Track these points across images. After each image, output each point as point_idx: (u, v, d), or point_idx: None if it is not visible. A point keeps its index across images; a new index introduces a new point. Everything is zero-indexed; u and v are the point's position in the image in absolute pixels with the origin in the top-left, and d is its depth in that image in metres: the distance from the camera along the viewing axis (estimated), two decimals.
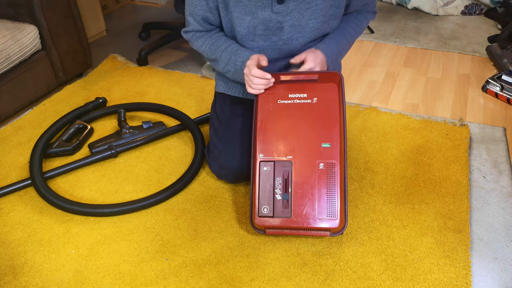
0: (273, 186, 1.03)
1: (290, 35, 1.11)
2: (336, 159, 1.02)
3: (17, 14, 1.69)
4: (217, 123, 1.30)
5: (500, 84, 1.72)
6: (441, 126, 1.56)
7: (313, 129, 1.05)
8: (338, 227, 1.02)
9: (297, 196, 1.02)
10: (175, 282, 1.04)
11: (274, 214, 1.02)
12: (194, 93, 1.81)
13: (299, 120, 1.06)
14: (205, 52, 1.20)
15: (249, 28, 1.10)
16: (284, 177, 1.03)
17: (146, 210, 1.24)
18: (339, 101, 1.07)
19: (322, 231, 1.04)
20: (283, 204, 1.02)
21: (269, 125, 1.09)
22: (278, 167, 1.04)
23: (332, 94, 1.06)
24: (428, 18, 2.53)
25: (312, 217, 1.01)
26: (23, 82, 1.66)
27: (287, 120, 1.07)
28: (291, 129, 1.06)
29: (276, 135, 1.07)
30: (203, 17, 1.15)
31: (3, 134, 1.58)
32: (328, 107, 1.05)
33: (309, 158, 1.03)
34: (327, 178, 1.01)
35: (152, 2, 2.89)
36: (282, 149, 1.05)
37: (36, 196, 1.30)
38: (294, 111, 1.07)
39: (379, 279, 1.04)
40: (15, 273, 1.08)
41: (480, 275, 1.05)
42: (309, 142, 1.04)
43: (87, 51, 1.94)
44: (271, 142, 1.07)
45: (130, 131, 1.52)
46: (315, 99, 1.06)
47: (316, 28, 1.12)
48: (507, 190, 1.29)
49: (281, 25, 1.09)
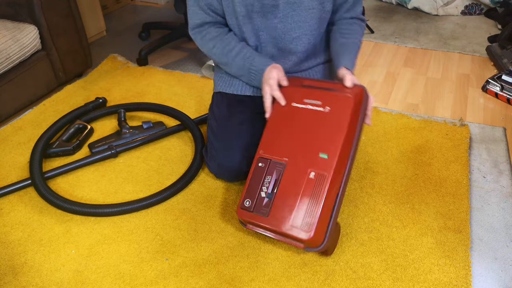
0: (262, 183, 1.03)
1: (285, 13, 1.13)
2: (328, 171, 0.97)
3: (17, 14, 1.69)
4: (214, 122, 1.30)
5: (500, 84, 1.72)
6: (441, 126, 1.56)
7: (315, 137, 1.02)
8: (312, 241, 0.95)
9: (279, 198, 1.00)
10: (175, 282, 1.04)
11: (253, 209, 1.02)
12: (194, 93, 1.81)
13: (305, 125, 1.04)
14: (216, 55, 1.22)
15: (247, 6, 1.12)
16: (275, 177, 1.02)
17: (146, 210, 1.24)
18: (352, 114, 1.01)
19: (295, 241, 0.98)
20: (265, 202, 1.01)
21: (277, 125, 1.08)
22: (272, 166, 1.04)
23: (345, 105, 1.02)
24: (428, 18, 2.53)
25: (285, 222, 0.97)
26: (23, 82, 1.66)
27: (295, 124, 1.06)
28: (296, 132, 1.05)
29: (280, 135, 1.07)
30: (207, 3, 1.16)
31: (3, 134, 1.58)
32: (338, 118, 1.01)
33: (303, 165, 1.00)
34: (313, 188, 0.97)
35: (152, 2, 2.89)
36: (281, 150, 1.04)
37: (36, 196, 1.30)
38: (304, 116, 1.05)
39: (379, 279, 1.04)
40: (15, 273, 1.08)
41: (480, 275, 1.05)
42: (308, 149, 1.01)
43: (87, 51, 1.94)
44: (274, 141, 1.07)
45: (130, 131, 1.52)
46: (328, 108, 1.02)
47: (311, 7, 1.13)
48: (507, 190, 1.29)
49: (276, 2, 1.12)
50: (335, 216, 1.00)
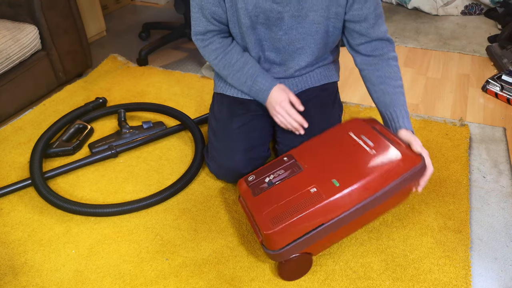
0: (273, 172, 1.07)
1: (290, 25, 1.12)
2: (327, 196, 0.95)
3: (17, 14, 1.69)
4: (214, 123, 1.30)
5: (500, 84, 1.72)
6: (441, 126, 1.56)
7: (342, 165, 1.01)
8: (268, 237, 0.94)
9: (274, 190, 1.02)
10: (175, 282, 1.04)
11: (249, 185, 1.06)
12: (194, 93, 1.81)
13: (343, 152, 1.04)
14: (217, 66, 1.23)
15: (252, 17, 1.11)
16: (285, 174, 1.04)
17: (146, 210, 1.24)
18: (388, 170, 0.97)
19: (258, 231, 0.99)
20: (262, 186, 1.04)
21: (324, 139, 1.12)
22: (291, 165, 1.07)
23: (388, 161, 0.98)
24: (428, 18, 2.53)
25: (261, 210, 0.98)
26: (23, 82, 1.67)
27: (337, 146, 1.07)
28: (331, 153, 1.06)
29: (318, 148, 1.09)
30: (211, 12, 1.14)
31: (3, 134, 1.58)
32: (373, 164, 0.99)
33: (312, 178, 1.01)
34: (304, 199, 0.96)
35: (152, 2, 2.89)
36: (309, 158, 1.07)
37: (36, 196, 1.30)
38: (349, 145, 1.06)
39: (379, 279, 1.04)
40: (15, 273, 1.08)
41: (480, 275, 1.05)
42: (328, 170, 1.01)
43: (87, 51, 1.94)
44: (310, 148, 1.10)
45: (130, 131, 1.52)
46: (373, 152, 1.01)
47: (317, 22, 1.12)
48: (507, 190, 1.29)
49: (281, 15, 1.11)
50: (308, 241, 0.96)
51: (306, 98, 1.27)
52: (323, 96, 1.29)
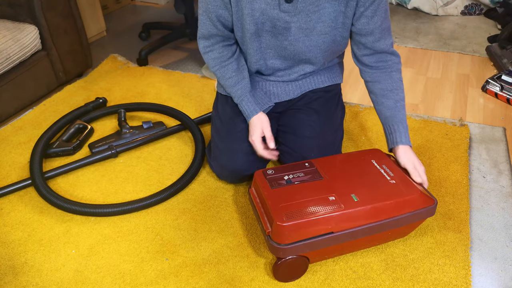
0: (293, 172, 1.09)
1: (297, 37, 1.11)
2: (346, 207, 0.97)
3: (17, 14, 1.69)
4: (219, 122, 1.29)
5: (500, 84, 1.72)
6: (441, 126, 1.56)
7: (362, 187, 1.03)
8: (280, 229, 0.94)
9: (293, 188, 1.03)
10: (175, 282, 1.04)
11: (267, 177, 1.08)
12: (194, 93, 1.82)
13: (363, 175, 1.08)
14: (215, 73, 1.24)
15: (257, 24, 1.10)
16: (304, 178, 1.06)
17: (146, 210, 1.24)
18: (403, 204, 1.01)
19: (268, 223, 0.99)
20: (281, 182, 1.05)
21: (345, 158, 1.17)
22: (311, 172, 1.09)
23: (405, 194, 1.03)
24: (428, 18, 2.53)
25: (278, 203, 0.99)
26: (23, 82, 1.67)
27: (358, 169, 1.10)
28: (352, 173, 1.08)
29: (339, 164, 1.13)
30: (217, 15, 1.12)
31: (3, 134, 1.58)
32: (390, 193, 1.02)
33: (332, 188, 1.03)
34: (321, 204, 0.98)
35: (152, 2, 2.89)
36: (329, 171, 1.09)
37: (36, 196, 1.30)
38: (369, 171, 1.09)
39: (379, 279, 1.04)
40: (15, 273, 1.08)
41: (480, 275, 1.05)
42: (348, 185, 1.04)
43: (87, 51, 1.94)
44: (331, 162, 1.14)
45: (130, 131, 1.52)
46: (393, 182, 1.05)
47: (324, 32, 1.10)
48: (507, 190, 1.30)
49: (288, 25, 1.09)
50: (312, 245, 0.97)
51: (309, 99, 1.26)
52: (326, 97, 1.28)
